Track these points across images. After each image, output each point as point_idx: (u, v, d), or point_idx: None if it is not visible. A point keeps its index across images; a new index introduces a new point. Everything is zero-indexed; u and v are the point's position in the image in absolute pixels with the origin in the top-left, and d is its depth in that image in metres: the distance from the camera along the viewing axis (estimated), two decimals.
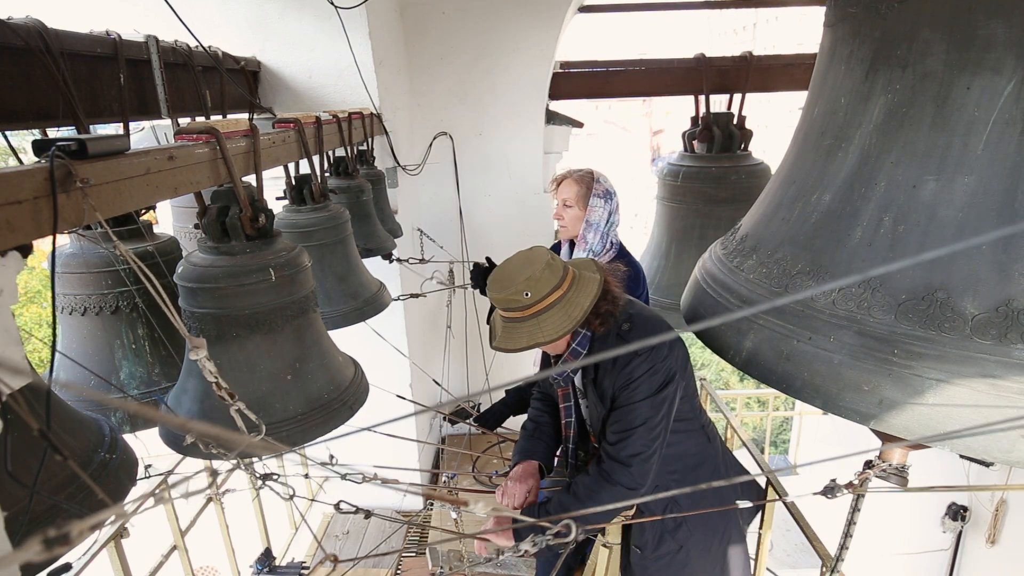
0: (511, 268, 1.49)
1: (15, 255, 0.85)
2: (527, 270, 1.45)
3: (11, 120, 1.34)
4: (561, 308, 1.45)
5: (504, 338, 1.49)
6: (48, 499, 0.84)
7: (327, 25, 2.56)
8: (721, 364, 14.11)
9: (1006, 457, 1.06)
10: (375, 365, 1.94)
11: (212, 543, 2.76)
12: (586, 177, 2.15)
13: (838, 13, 1.41)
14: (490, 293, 1.50)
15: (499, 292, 1.46)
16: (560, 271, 1.48)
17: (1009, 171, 1.10)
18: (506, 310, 1.48)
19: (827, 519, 2.14)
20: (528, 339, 1.46)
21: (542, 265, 1.45)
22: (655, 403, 1.48)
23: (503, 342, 1.49)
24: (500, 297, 1.46)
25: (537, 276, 1.43)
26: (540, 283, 1.44)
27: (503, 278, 1.48)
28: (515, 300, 1.44)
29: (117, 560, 1.89)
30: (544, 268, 1.45)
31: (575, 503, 1.52)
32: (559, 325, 1.44)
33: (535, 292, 1.43)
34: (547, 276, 1.45)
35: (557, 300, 1.45)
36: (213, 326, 1.25)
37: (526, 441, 1.84)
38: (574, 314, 1.45)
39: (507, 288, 1.44)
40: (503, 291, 1.45)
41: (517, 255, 1.53)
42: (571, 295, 1.47)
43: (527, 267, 1.46)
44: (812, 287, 1.30)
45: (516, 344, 1.47)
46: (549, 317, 1.45)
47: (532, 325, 1.46)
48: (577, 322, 1.45)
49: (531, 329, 1.46)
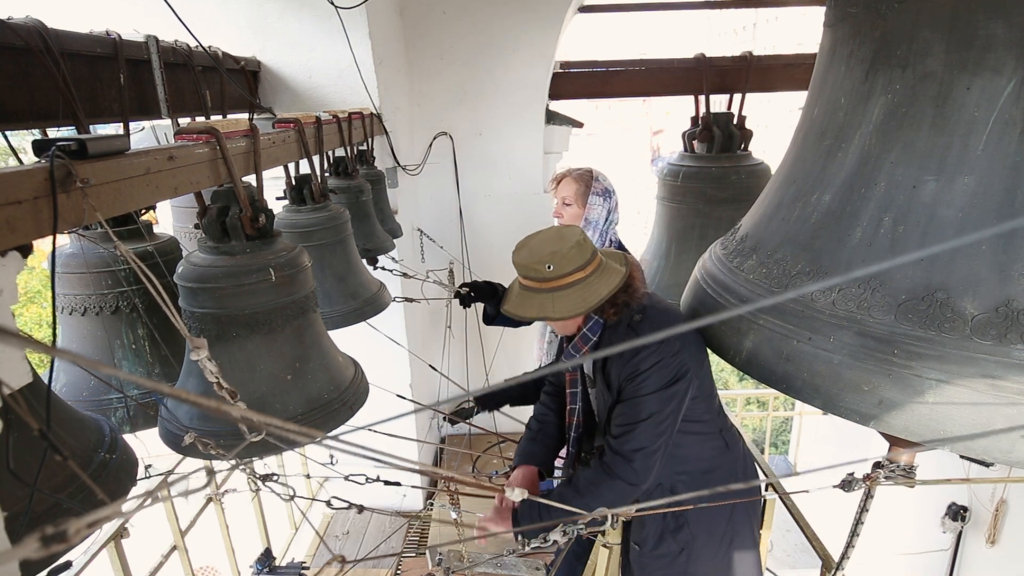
0: (541, 238, 1.50)
1: (15, 255, 0.85)
2: (555, 244, 1.46)
3: (11, 120, 1.33)
4: (579, 290, 1.46)
5: (517, 303, 1.50)
6: (48, 498, 0.84)
7: (327, 25, 2.56)
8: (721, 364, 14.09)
9: (1006, 457, 1.06)
10: (375, 365, 1.94)
11: (212, 543, 2.77)
12: (585, 175, 2.16)
13: (838, 13, 1.41)
14: (514, 256, 1.51)
15: (524, 258, 1.47)
16: (588, 254, 1.48)
17: (1009, 171, 1.10)
18: (526, 277, 1.49)
19: (827, 519, 2.14)
20: (539, 310, 1.47)
21: (571, 244, 1.46)
22: (662, 398, 1.46)
23: (515, 307, 1.50)
24: (523, 263, 1.47)
25: (564, 253, 1.44)
26: (565, 260, 1.44)
27: (532, 245, 1.49)
28: (536, 269, 1.45)
29: (117, 560, 1.89)
30: (573, 247, 1.46)
31: (575, 496, 1.50)
32: (572, 305, 1.45)
33: (557, 267, 1.44)
34: (573, 255, 1.45)
35: (577, 281, 1.46)
36: (213, 326, 1.25)
37: (527, 443, 1.83)
38: (589, 299, 1.46)
39: (532, 256, 1.46)
40: (527, 258, 1.46)
41: (551, 228, 1.55)
42: (591, 280, 1.47)
43: (556, 241, 1.47)
44: (812, 287, 1.30)
45: (527, 312, 1.48)
46: (565, 295, 1.46)
47: (546, 299, 1.46)
48: (590, 307, 1.45)
49: (544, 302, 1.46)
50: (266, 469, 1.31)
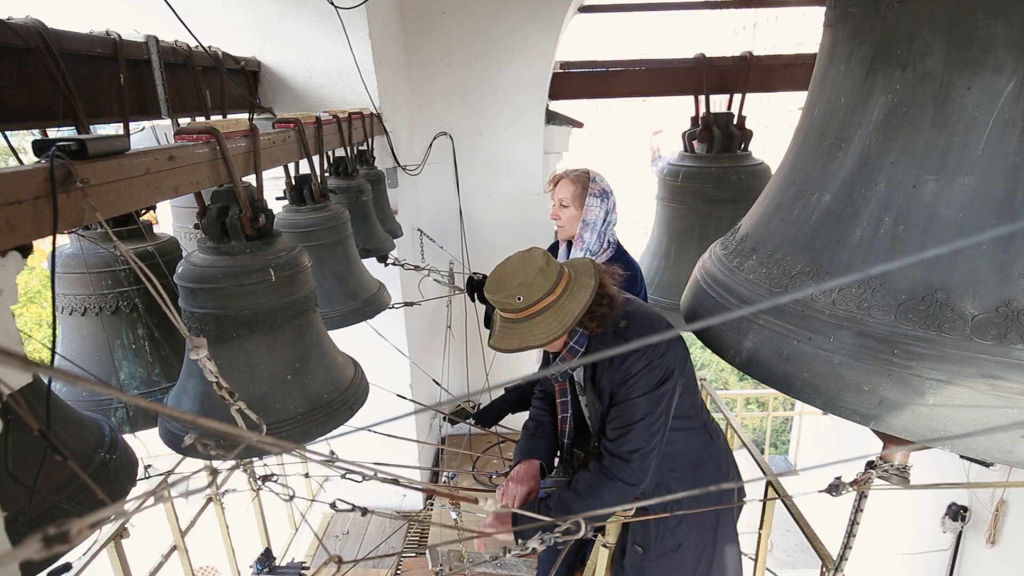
0: (507, 271, 1.52)
1: (15, 255, 0.85)
2: (521, 275, 1.48)
3: (11, 120, 1.34)
4: (552, 313, 1.49)
5: (499, 338, 1.54)
6: (48, 498, 0.84)
7: (327, 25, 2.56)
8: (721, 364, 14.10)
9: (1006, 457, 1.06)
10: (375, 365, 1.94)
11: (212, 543, 2.77)
12: (582, 177, 2.15)
13: (838, 13, 1.41)
14: (487, 294, 1.53)
15: (495, 294, 1.50)
16: (554, 276, 1.50)
17: (1009, 171, 1.10)
18: (503, 311, 1.52)
19: (827, 519, 2.14)
20: (520, 341, 1.50)
21: (535, 270, 1.48)
22: (653, 399, 1.49)
23: (498, 341, 1.54)
24: (496, 299, 1.50)
25: (530, 282, 1.47)
26: (533, 288, 1.47)
27: (500, 280, 1.51)
28: (509, 303, 1.48)
29: (117, 560, 1.89)
30: (537, 273, 1.48)
31: (575, 499, 1.53)
32: (550, 330, 1.48)
33: (527, 297, 1.47)
34: (539, 282, 1.48)
35: (549, 305, 1.49)
36: (213, 326, 1.25)
37: (527, 440, 1.85)
38: (564, 320, 1.48)
39: (501, 291, 1.48)
40: (498, 293, 1.49)
41: (515, 256, 1.56)
42: (563, 301, 1.50)
43: (521, 272, 1.49)
44: (812, 287, 1.30)
45: (510, 344, 1.51)
46: (541, 321, 1.49)
47: (525, 327, 1.50)
48: (567, 328, 1.48)
49: (524, 331, 1.50)
50: (266, 469, 1.31)
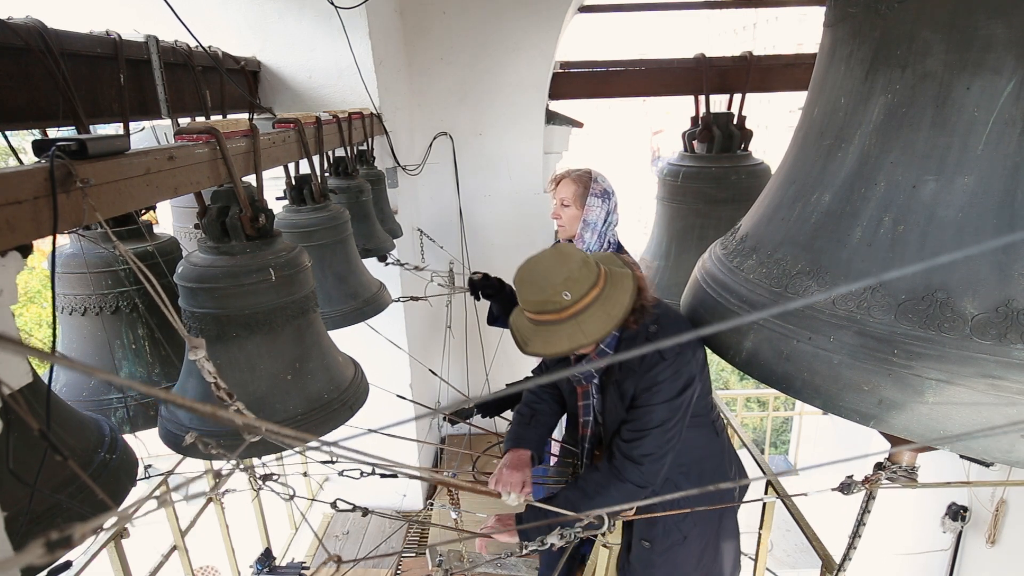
0: (544, 268, 1.38)
1: (15, 255, 0.85)
2: (563, 269, 1.35)
3: (11, 120, 1.33)
4: (601, 306, 1.38)
5: (541, 343, 1.39)
6: (48, 498, 0.84)
7: (327, 25, 2.56)
8: (721, 364, 14.10)
9: (1006, 457, 1.06)
10: (375, 365, 1.94)
11: (212, 543, 2.77)
12: (583, 176, 2.15)
13: (838, 13, 1.41)
14: (523, 296, 1.39)
15: (536, 295, 1.36)
16: (594, 267, 1.40)
17: (1009, 171, 1.10)
18: (540, 313, 1.38)
19: (827, 519, 2.14)
20: (569, 342, 1.36)
21: (578, 263, 1.36)
22: (673, 407, 1.47)
23: (540, 347, 1.39)
24: (537, 299, 1.36)
25: (576, 275, 1.35)
26: (580, 282, 1.35)
27: (537, 279, 1.37)
28: (554, 302, 1.35)
29: (117, 560, 1.89)
30: (581, 266, 1.36)
31: (583, 499, 1.51)
32: (601, 325, 1.36)
33: (575, 291, 1.34)
34: (584, 274, 1.36)
35: (596, 298, 1.37)
36: (213, 326, 1.25)
37: (520, 428, 1.78)
38: (614, 312, 1.38)
39: (545, 290, 1.34)
40: (541, 293, 1.35)
41: (545, 254, 1.42)
42: (609, 291, 1.40)
43: (562, 265, 1.36)
44: (813, 287, 1.30)
45: (556, 348, 1.38)
46: (589, 317, 1.36)
47: (572, 326, 1.36)
48: (619, 319, 1.37)
49: (571, 331, 1.36)
50: (266, 469, 1.31)
